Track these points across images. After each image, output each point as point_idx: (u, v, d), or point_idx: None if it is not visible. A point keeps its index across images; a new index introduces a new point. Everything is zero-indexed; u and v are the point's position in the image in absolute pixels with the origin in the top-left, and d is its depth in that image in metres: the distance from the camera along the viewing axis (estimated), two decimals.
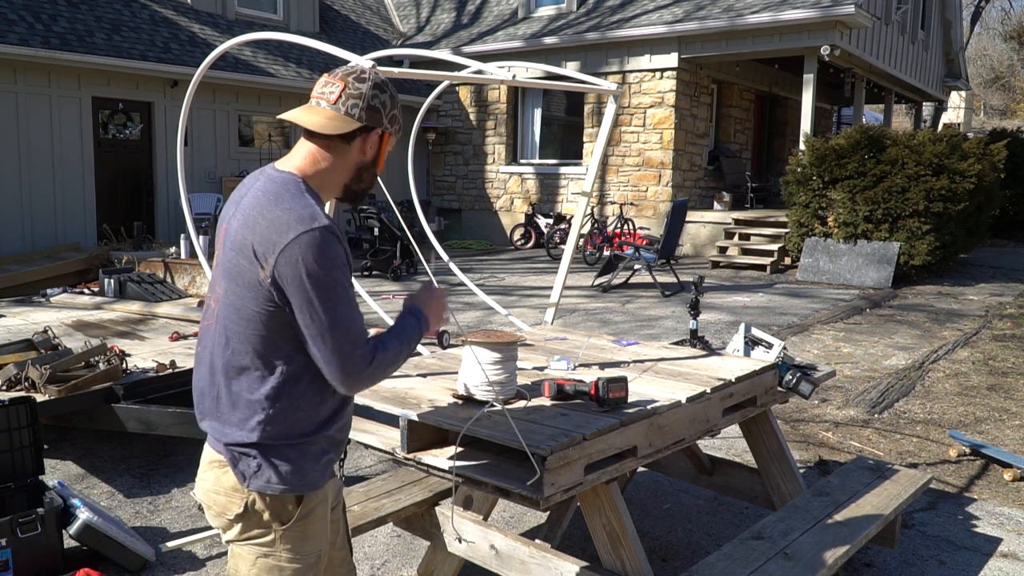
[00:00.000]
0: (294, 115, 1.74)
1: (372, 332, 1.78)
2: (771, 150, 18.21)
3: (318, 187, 1.76)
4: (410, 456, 2.33)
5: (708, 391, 2.62)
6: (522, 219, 15.29)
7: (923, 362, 6.75)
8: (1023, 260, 13.84)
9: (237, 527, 1.75)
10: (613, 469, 2.28)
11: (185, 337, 5.24)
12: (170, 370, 4.30)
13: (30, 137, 10.95)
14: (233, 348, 1.70)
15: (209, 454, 1.78)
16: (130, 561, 3.20)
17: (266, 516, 1.73)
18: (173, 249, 9.69)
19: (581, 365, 2.88)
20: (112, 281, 6.75)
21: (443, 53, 4.29)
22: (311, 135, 1.75)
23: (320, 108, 1.74)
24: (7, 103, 10.70)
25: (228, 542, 1.79)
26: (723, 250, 12.92)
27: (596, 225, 13.39)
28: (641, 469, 3.90)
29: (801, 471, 4.12)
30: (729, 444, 4.68)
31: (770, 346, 3.43)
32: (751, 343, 3.47)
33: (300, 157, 1.76)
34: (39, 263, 10.09)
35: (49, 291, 7.59)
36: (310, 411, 1.73)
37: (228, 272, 1.69)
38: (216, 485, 1.75)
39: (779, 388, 3.20)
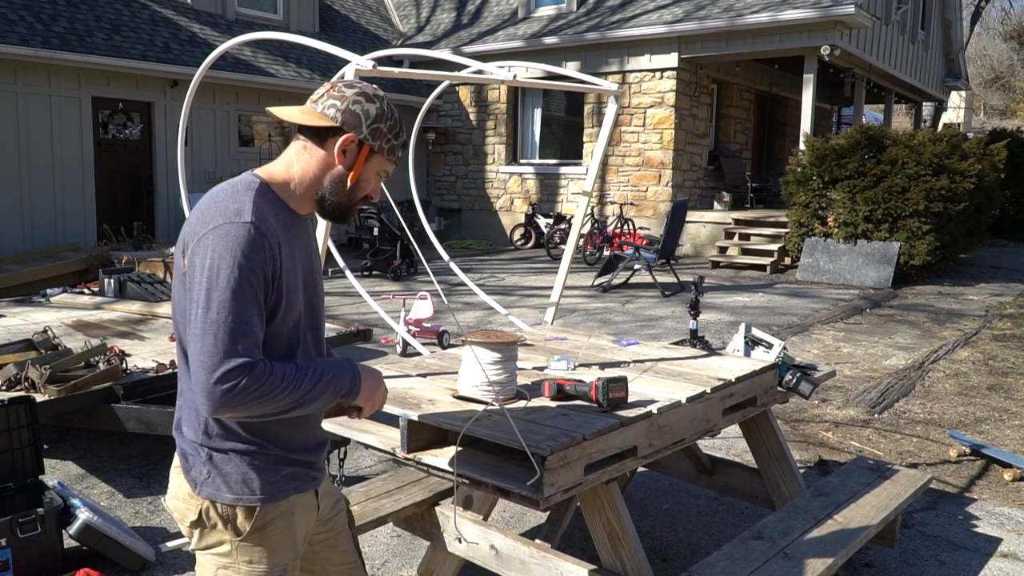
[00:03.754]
0: (276, 108, 1.74)
1: None
2: (771, 150, 18.21)
3: (287, 194, 1.70)
4: (410, 456, 2.33)
5: (708, 391, 2.62)
6: (522, 219, 15.30)
7: (923, 362, 6.75)
8: (1023, 260, 13.84)
9: (196, 535, 1.72)
10: (613, 469, 2.28)
11: None
12: (170, 370, 4.30)
13: (30, 137, 10.95)
14: (181, 346, 1.67)
15: (175, 460, 1.76)
16: (130, 561, 3.20)
17: (219, 525, 1.68)
18: (173, 249, 9.68)
19: (581, 365, 2.88)
20: (112, 281, 6.75)
21: (443, 53, 4.29)
22: (299, 135, 1.72)
23: (302, 105, 1.72)
24: (7, 103, 10.70)
25: (192, 550, 1.76)
26: (723, 250, 12.92)
27: (596, 225, 13.39)
28: (641, 469, 3.90)
29: (801, 471, 4.13)
30: (729, 444, 4.68)
31: (770, 346, 3.43)
32: (751, 343, 3.47)
33: (279, 160, 1.73)
34: (39, 263, 10.08)
35: (49, 291, 7.58)
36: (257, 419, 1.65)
37: (175, 270, 1.67)
38: (177, 491, 1.73)
39: (779, 388, 3.20)
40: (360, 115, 1.68)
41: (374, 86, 1.75)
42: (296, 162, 1.71)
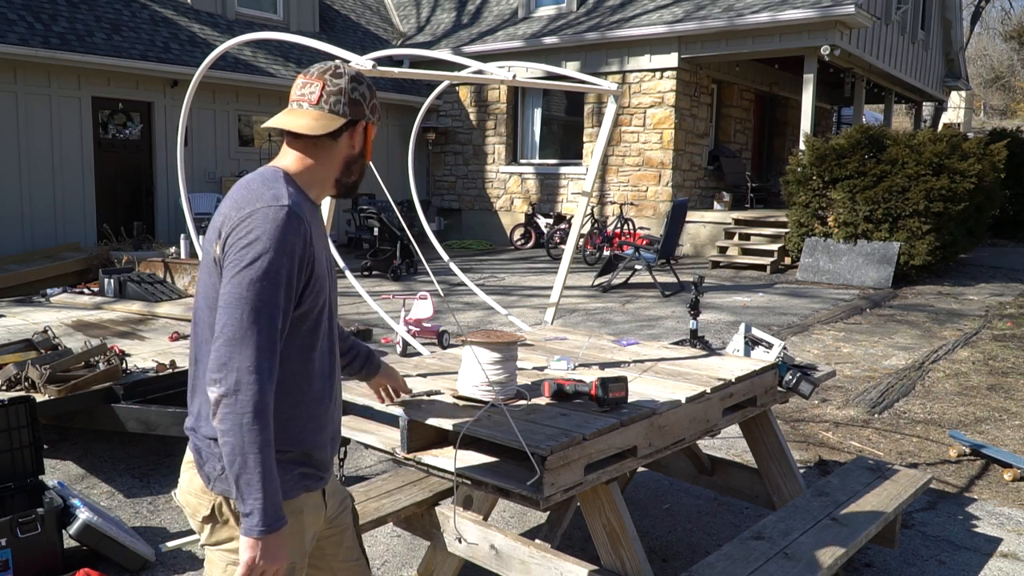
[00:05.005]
0: (280, 121, 1.73)
1: None
2: (771, 150, 18.20)
3: (306, 184, 1.74)
4: (410, 456, 2.33)
5: (708, 391, 2.62)
6: (522, 219, 15.30)
7: (923, 362, 6.75)
8: (1023, 260, 13.84)
9: (207, 530, 1.72)
10: (613, 469, 2.28)
11: (185, 337, 5.24)
12: (170, 370, 4.30)
13: (30, 137, 10.95)
14: (205, 339, 1.67)
15: (187, 454, 1.76)
16: (130, 561, 3.20)
17: (231, 521, 1.69)
18: (173, 249, 9.69)
19: (581, 365, 2.88)
20: (112, 281, 6.75)
21: (443, 53, 4.29)
22: (295, 137, 1.74)
23: (304, 110, 1.73)
24: (7, 103, 10.70)
25: (202, 545, 1.77)
26: (723, 250, 12.92)
27: (596, 225, 13.39)
28: (641, 469, 3.90)
29: (801, 471, 4.13)
30: (729, 444, 4.68)
31: (770, 346, 3.43)
32: (751, 343, 3.47)
33: (288, 158, 1.76)
34: (39, 263, 10.08)
35: (49, 291, 7.59)
36: (279, 416, 1.66)
37: (202, 261, 1.69)
38: (189, 486, 1.74)
39: (779, 388, 3.20)
40: (361, 101, 1.76)
41: (347, 63, 1.77)
42: (309, 156, 1.75)
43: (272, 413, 1.58)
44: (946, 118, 26.77)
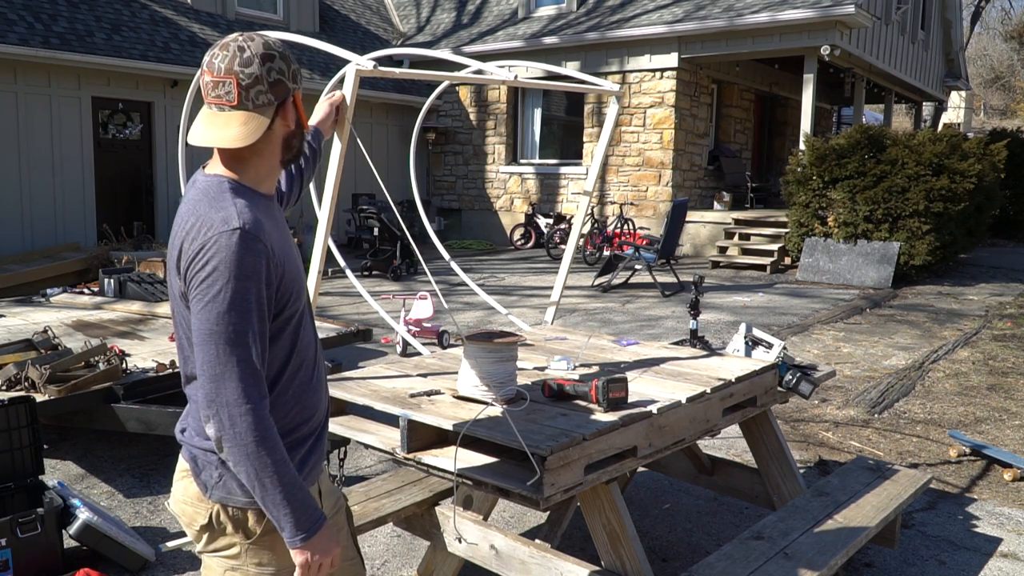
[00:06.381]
0: (206, 137, 1.59)
1: None
2: (771, 150, 18.20)
3: (255, 182, 1.66)
4: (410, 456, 2.33)
5: (708, 391, 2.62)
6: (522, 219, 15.30)
7: (923, 362, 6.75)
8: (1023, 260, 13.84)
9: (204, 538, 1.71)
10: (613, 469, 2.28)
11: None
12: (170, 370, 4.30)
13: (30, 137, 10.95)
14: (189, 359, 1.66)
15: (180, 464, 1.76)
16: (130, 561, 3.20)
17: (229, 528, 1.68)
18: None
19: (581, 365, 2.88)
20: (112, 281, 6.74)
21: (443, 53, 4.29)
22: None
23: (226, 114, 1.59)
24: (7, 103, 10.70)
25: (199, 553, 1.76)
26: (723, 250, 12.92)
27: (596, 225, 13.39)
28: (641, 469, 3.89)
29: (801, 471, 4.13)
30: (729, 444, 4.68)
31: (770, 346, 3.43)
32: (751, 343, 3.47)
33: (227, 162, 1.66)
34: (39, 263, 10.08)
35: (49, 291, 7.58)
36: (271, 410, 1.64)
37: (170, 289, 1.67)
38: (184, 495, 1.72)
39: (779, 388, 3.20)
40: (281, 78, 1.62)
41: (249, 36, 1.63)
42: (248, 155, 1.65)
43: (274, 430, 1.57)
44: (946, 118, 26.77)
